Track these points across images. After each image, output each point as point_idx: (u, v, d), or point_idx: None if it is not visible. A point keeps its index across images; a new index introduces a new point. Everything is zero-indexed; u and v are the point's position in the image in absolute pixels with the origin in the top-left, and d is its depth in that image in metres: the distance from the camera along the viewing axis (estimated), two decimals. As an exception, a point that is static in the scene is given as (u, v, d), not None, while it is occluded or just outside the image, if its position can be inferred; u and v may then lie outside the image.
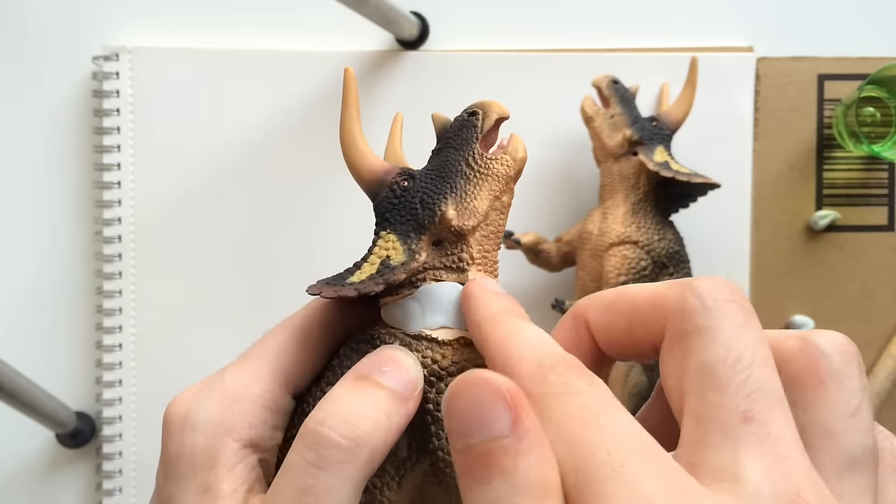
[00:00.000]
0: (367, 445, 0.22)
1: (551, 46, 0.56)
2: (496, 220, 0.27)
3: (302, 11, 0.56)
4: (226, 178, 0.55)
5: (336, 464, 0.22)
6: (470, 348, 0.26)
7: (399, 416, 0.24)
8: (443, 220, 0.26)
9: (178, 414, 0.25)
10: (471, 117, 0.27)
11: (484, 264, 0.26)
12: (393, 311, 0.27)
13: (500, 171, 0.26)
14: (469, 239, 0.26)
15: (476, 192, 0.26)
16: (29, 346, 0.55)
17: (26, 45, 0.56)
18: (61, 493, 0.55)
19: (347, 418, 0.23)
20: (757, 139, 0.55)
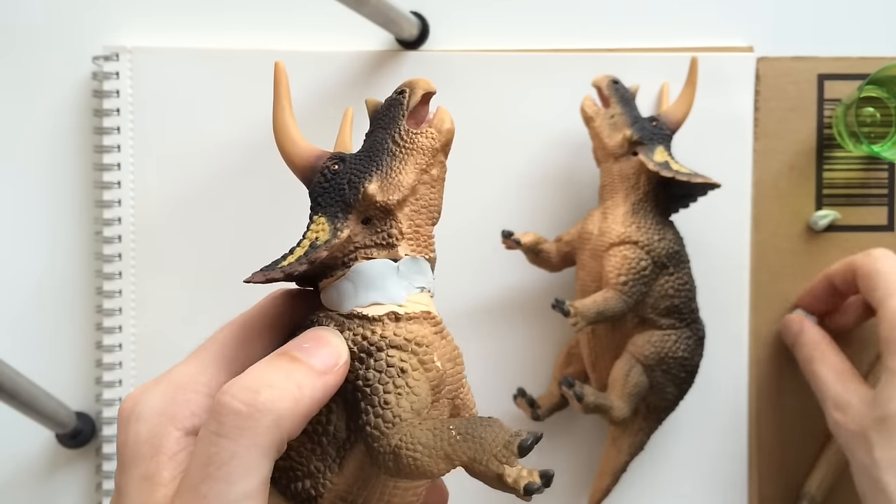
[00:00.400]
0: (268, 411, 0.23)
1: (551, 46, 0.56)
2: (426, 193, 0.27)
3: (302, 11, 0.56)
4: (226, 177, 0.55)
5: (235, 430, 0.22)
6: (398, 322, 0.26)
7: (314, 389, 0.24)
8: (365, 196, 0.26)
9: (126, 407, 0.26)
10: (398, 96, 0.27)
11: (415, 239, 0.27)
12: (329, 294, 0.27)
13: (426, 144, 0.27)
14: (397, 214, 0.26)
15: (401, 166, 0.26)
16: (29, 346, 0.55)
17: (26, 45, 0.56)
18: (61, 493, 0.55)
19: (250, 386, 0.23)
20: (757, 139, 0.55)
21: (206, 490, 0.22)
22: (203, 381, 0.26)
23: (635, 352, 0.48)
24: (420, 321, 0.26)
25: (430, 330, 0.26)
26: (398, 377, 0.25)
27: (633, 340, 0.48)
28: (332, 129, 0.55)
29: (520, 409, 0.52)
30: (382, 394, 0.25)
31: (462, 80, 0.55)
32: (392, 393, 0.25)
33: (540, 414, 0.51)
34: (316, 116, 0.55)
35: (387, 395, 0.25)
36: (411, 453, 0.24)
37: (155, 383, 0.26)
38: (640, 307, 0.48)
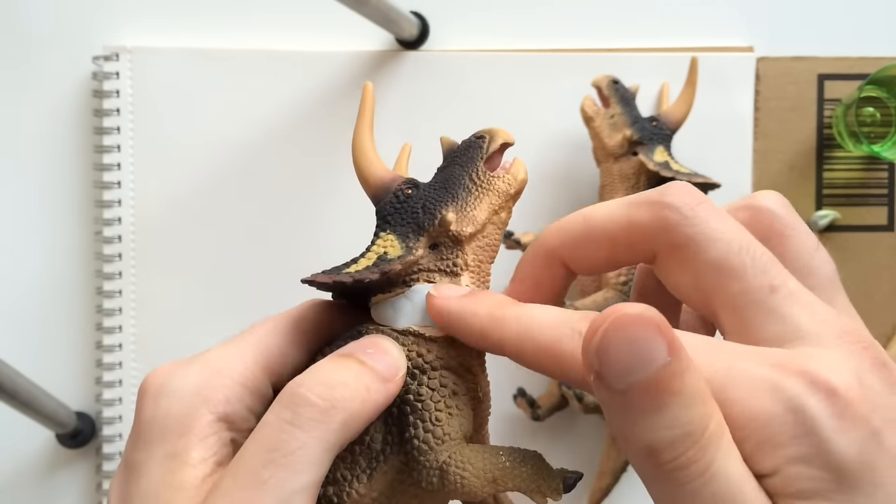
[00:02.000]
0: (342, 409, 0.23)
1: (551, 46, 0.56)
2: (492, 233, 0.28)
3: (302, 11, 0.56)
4: (226, 177, 0.55)
5: (310, 422, 0.22)
6: (455, 346, 0.26)
7: (378, 393, 0.24)
8: (442, 222, 0.27)
9: (154, 382, 0.25)
10: (477, 140, 0.29)
11: (477, 273, 0.28)
12: (383, 309, 0.27)
13: (501, 188, 0.28)
14: (465, 246, 0.27)
15: (476, 203, 0.27)
16: (29, 346, 0.55)
17: (26, 46, 0.56)
18: (61, 493, 0.55)
19: (327, 382, 0.23)
20: (757, 139, 0.55)
21: (268, 476, 0.22)
22: (240, 369, 0.26)
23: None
24: (471, 352, 0.27)
25: (478, 362, 0.27)
26: (450, 398, 0.26)
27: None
28: (332, 129, 0.56)
29: (520, 409, 0.52)
30: (434, 410, 0.25)
31: (462, 80, 0.55)
32: (444, 411, 0.25)
33: (540, 414, 0.51)
34: (316, 116, 0.55)
35: (438, 413, 0.25)
36: (460, 471, 0.24)
37: (187, 363, 0.26)
38: (640, 307, 0.47)
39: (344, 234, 0.55)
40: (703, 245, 0.21)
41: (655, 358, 0.18)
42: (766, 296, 0.20)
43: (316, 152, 0.55)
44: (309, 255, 0.55)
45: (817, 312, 0.20)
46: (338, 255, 0.57)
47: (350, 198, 0.55)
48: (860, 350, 0.20)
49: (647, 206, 0.22)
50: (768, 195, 0.24)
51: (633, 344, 0.18)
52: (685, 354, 0.18)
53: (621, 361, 0.18)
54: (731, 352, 0.20)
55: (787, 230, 0.23)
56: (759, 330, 0.20)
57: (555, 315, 0.22)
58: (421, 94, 0.55)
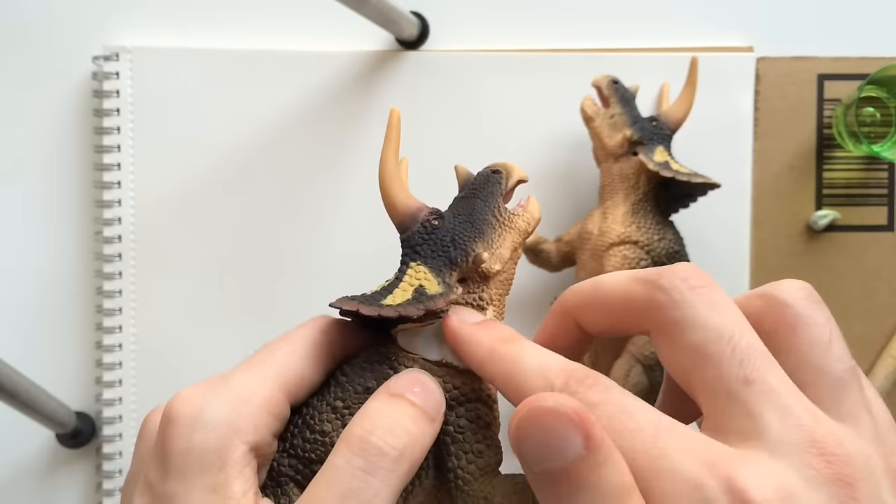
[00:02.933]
0: (409, 458, 0.24)
1: (551, 46, 0.56)
2: (510, 269, 0.29)
3: (302, 11, 0.56)
4: (226, 178, 0.55)
5: (384, 471, 0.23)
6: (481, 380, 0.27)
7: (426, 436, 0.25)
8: (476, 260, 0.28)
9: (186, 412, 0.25)
10: (494, 175, 0.30)
11: (498, 307, 0.29)
12: (412, 338, 0.28)
13: (521, 226, 0.29)
14: (490, 282, 0.29)
15: (501, 241, 0.29)
16: (29, 346, 0.55)
17: (26, 46, 0.56)
18: (61, 493, 0.55)
19: (394, 430, 0.24)
20: (757, 139, 0.55)
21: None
22: (264, 395, 0.26)
23: (635, 352, 0.48)
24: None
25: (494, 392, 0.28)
26: (486, 429, 0.27)
27: (633, 340, 0.48)
28: (332, 129, 0.56)
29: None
30: (474, 443, 0.26)
31: (462, 80, 0.55)
32: (482, 443, 0.26)
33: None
34: (316, 116, 0.55)
35: (478, 445, 0.26)
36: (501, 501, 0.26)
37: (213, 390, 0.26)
38: (640, 307, 0.48)
39: (344, 232, 0.55)
40: (685, 329, 0.22)
41: (568, 449, 0.19)
42: (739, 387, 0.20)
43: (316, 152, 0.55)
44: (309, 255, 0.55)
45: (791, 416, 0.20)
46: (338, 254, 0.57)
47: (350, 198, 0.55)
48: (818, 464, 0.19)
49: (642, 285, 0.23)
50: (790, 285, 0.23)
51: (547, 434, 0.20)
52: (606, 447, 0.19)
53: (534, 450, 0.20)
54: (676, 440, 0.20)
55: (798, 323, 0.22)
56: (727, 421, 0.20)
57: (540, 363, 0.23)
58: (421, 94, 0.55)
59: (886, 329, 0.55)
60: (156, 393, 0.54)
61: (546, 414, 0.20)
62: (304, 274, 0.55)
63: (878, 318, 0.55)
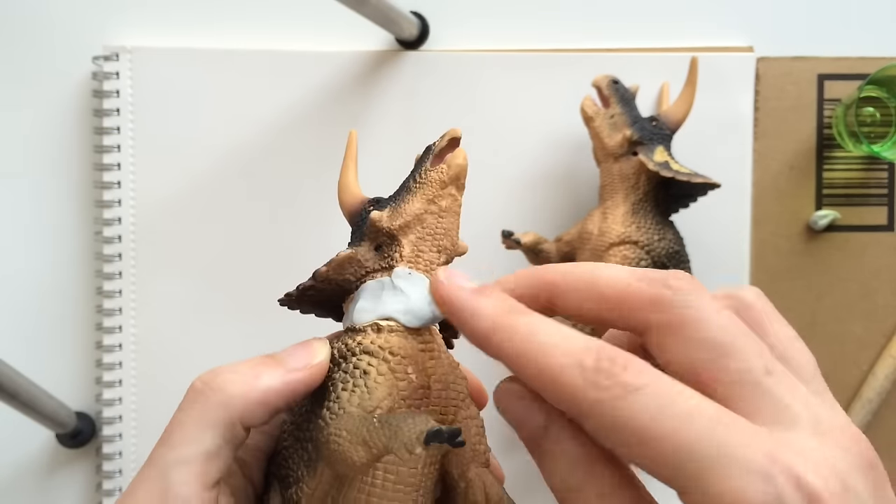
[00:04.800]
0: (219, 389, 0.26)
1: (551, 46, 0.56)
2: (433, 223, 0.29)
3: (302, 11, 0.56)
4: (226, 177, 0.55)
5: (189, 403, 0.26)
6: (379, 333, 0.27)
7: (273, 379, 0.26)
8: (370, 221, 0.29)
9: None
10: (431, 144, 0.30)
11: (415, 262, 0.29)
12: (344, 318, 0.30)
13: (434, 178, 0.29)
14: (401, 239, 0.29)
15: (410, 197, 0.29)
16: (29, 346, 0.55)
17: (26, 46, 0.56)
18: (61, 493, 0.55)
19: (215, 371, 0.26)
20: (757, 139, 0.55)
21: (154, 453, 0.25)
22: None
23: None
24: (404, 334, 0.27)
25: (413, 344, 0.27)
26: (359, 378, 0.26)
27: (633, 340, 0.48)
28: (332, 129, 0.56)
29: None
30: (339, 390, 0.26)
31: (462, 80, 0.55)
32: (347, 390, 0.26)
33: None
34: (316, 116, 0.55)
35: (342, 392, 0.26)
36: (336, 438, 0.25)
37: None
38: (640, 307, 0.47)
39: (344, 233, 0.55)
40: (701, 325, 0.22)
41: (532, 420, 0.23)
42: (763, 377, 0.21)
43: (316, 152, 0.55)
44: (309, 255, 0.55)
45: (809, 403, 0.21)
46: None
47: (350, 198, 0.55)
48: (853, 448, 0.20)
49: (648, 283, 0.23)
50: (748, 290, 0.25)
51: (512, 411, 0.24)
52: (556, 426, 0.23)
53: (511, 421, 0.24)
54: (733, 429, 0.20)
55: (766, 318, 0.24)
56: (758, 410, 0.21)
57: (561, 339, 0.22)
58: (421, 94, 0.55)
59: (886, 329, 0.55)
60: (156, 393, 0.54)
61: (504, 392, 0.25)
62: (304, 273, 0.55)
63: (878, 318, 0.55)
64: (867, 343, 0.55)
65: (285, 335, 0.58)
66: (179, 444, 0.25)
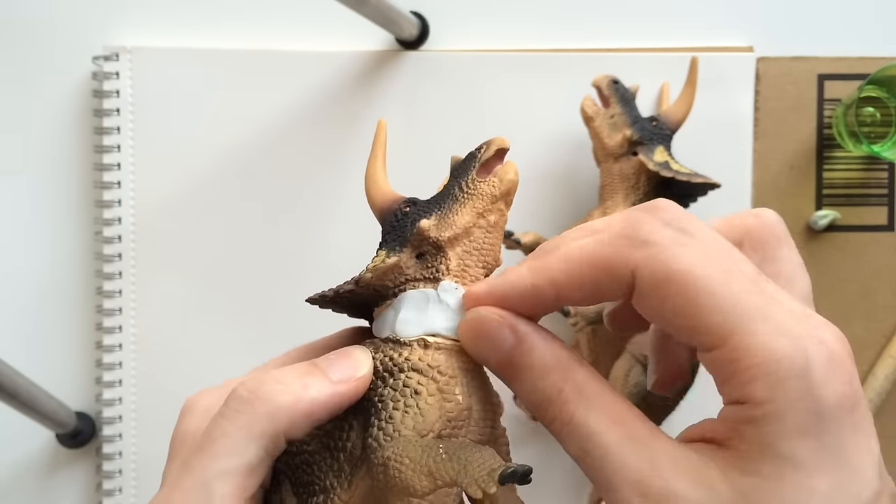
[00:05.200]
0: (266, 401, 0.25)
1: (551, 46, 0.56)
2: (480, 237, 0.28)
3: (302, 11, 0.56)
4: (226, 177, 0.55)
5: (234, 412, 0.25)
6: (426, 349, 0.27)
7: (320, 392, 0.25)
8: (419, 229, 0.28)
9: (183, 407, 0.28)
10: (475, 150, 0.29)
11: (461, 277, 0.28)
12: (377, 322, 0.28)
13: (485, 191, 0.28)
14: (448, 251, 0.28)
15: (459, 208, 0.28)
16: (29, 346, 0.55)
17: (26, 45, 0.56)
18: (61, 493, 0.55)
19: (260, 379, 0.25)
20: (757, 139, 0.55)
21: (195, 462, 0.24)
22: None
23: (635, 352, 0.48)
24: (449, 352, 0.26)
25: (457, 363, 0.26)
26: (410, 397, 0.26)
27: (633, 340, 0.48)
28: (332, 129, 0.56)
29: (519, 409, 0.52)
30: (391, 409, 0.26)
31: (462, 80, 0.55)
32: (400, 410, 0.25)
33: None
34: (316, 116, 0.55)
35: (394, 412, 0.25)
36: (398, 465, 0.24)
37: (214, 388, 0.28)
38: (640, 307, 0.47)
39: (344, 232, 0.55)
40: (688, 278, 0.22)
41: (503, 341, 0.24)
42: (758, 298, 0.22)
43: (316, 152, 0.55)
44: (309, 255, 0.55)
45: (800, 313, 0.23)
46: (337, 254, 0.57)
47: (350, 197, 0.55)
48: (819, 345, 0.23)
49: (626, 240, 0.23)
50: (772, 213, 0.28)
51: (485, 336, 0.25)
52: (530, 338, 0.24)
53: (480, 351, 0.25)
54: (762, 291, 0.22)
55: (784, 238, 0.27)
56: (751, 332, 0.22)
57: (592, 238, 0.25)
58: (421, 94, 0.55)
59: (886, 329, 0.55)
60: (156, 393, 0.54)
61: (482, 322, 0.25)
62: (304, 273, 0.55)
63: (878, 318, 0.55)
64: (867, 343, 0.55)
65: (286, 335, 0.58)
66: (223, 456, 0.24)
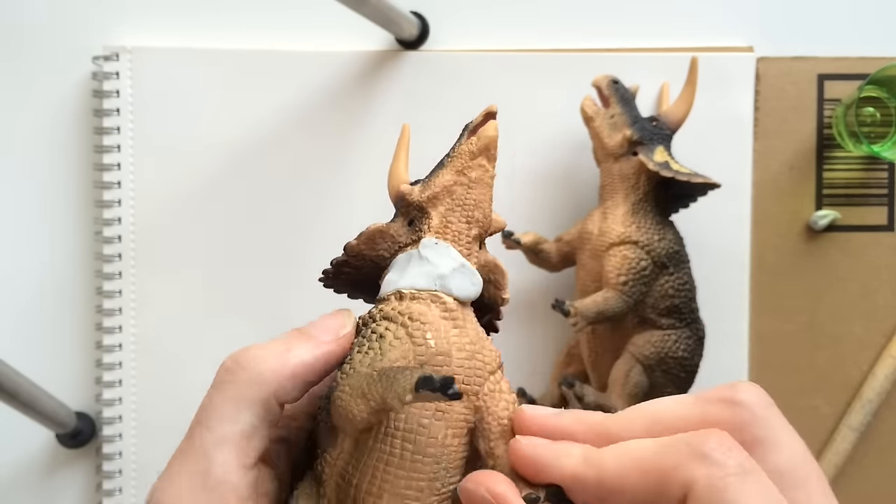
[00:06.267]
0: (250, 368, 0.26)
1: (551, 46, 0.56)
2: (462, 193, 0.29)
3: (302, 11, 0.56)
4: (226, 177, 0.55)
5: (221, 383, 0.26)
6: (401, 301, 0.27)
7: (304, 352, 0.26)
8: (401, 194, 0.29)
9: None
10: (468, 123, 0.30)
11: (443, 233, 0.29)
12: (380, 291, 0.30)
13: (464, 149, 0.29)
14: (430, 211, 0.29)
15: (441, 171, 0.29)
16: (29, 346, 0.55)
17: (26, 45, 0.56)
18: (61, 493, 0.55)
19: (246, 349, 0.26)
20: (757, 139, 0.55)
21: (192, 433, 0.25)
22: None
23: (635, 352, 0.48)
24: (426, 302, 0.27)
25: (435, 311, 0.27)
26: (374, 341, 0.26)
27: (633, 340, 0.48)
28: (331, 128, 0.56)
29: (520, 409, 0.52)
30: (355, 353, 0.26)
31: (462, 80, 0.55)
32: (361, 352, 0.26)
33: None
34: (316, 116, 0.55)
35: (356, 355, 0.26)
36: (340, 394, 0.25)
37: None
38: (640, 307, 0.48)
39: (344, 232, 0.55)
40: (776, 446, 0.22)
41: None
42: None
43: (316, 152, 0.55)
44: (308, 254, 0.55)
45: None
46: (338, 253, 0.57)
47: (350, 197, 0.55)
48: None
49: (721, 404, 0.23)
50: (749, 390, 0.23)
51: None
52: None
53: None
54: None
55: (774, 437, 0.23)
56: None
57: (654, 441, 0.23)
58: (421, 94, 0.55)
59: (886, 329, 0.55)
60: (156, 393, 0.54)
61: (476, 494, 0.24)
62: (304, 273, 0.55)
63: (878, 319, 0.55)
64: (867, 343, 0.55)
65: (285, 335, 0.57)
66: (217, 425, 0.25)
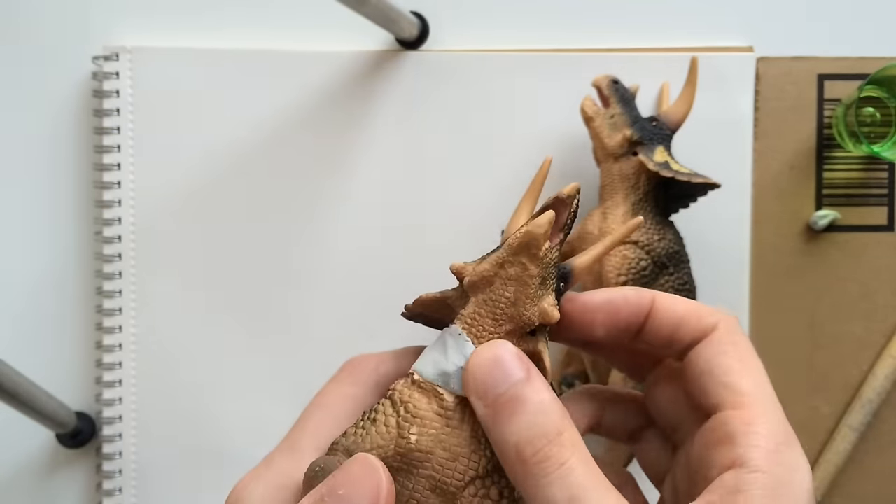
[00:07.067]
0: None
1: (551, 46, 0.56)
2: (499, 289, 0.26)
3: (302, 11, 0.56)
4: (226, 178, 0.55)
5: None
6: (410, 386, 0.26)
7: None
8: (452, 269, 0.28)
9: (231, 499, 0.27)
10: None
11: (470, 325, 0.27)
12: None
13: (509, 241, 0.27)
14: (470, 297, 0.27)
15: (491, 255, 0.27)
16: (29, 346, 0.55)
17: (26, 45, 0.56)
18: (61, 493, 0.55)
19: None
20: (757, 139, 0.55)
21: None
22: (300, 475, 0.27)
23: None
24: (430, 393, 0.26)
25: (431, 407, 0.26)
26: (368, 422, 0.26)
27: (633, 340, 0.48)
28: (331, 129, 0.56)
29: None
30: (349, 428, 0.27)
31: (462, 80, 0.55)
32: (356, 426, 0.26)
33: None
34: (316, 116, 0.55)
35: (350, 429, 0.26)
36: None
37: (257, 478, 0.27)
38: (640, 307, 0.47)
39: (345, 234, 0.55)
40: None
41: (513, 376, 0.24)
42: None
43: (316, 152, 0.55)
44: (310, 255, 0.55)
45: None
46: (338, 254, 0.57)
47: (351, 198, 0.55)
48: None
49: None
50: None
51: (497, 366, 0.24)
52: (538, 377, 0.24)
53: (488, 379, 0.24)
54: None
55: None
56: None
57: None
58: (421, 94, 0.55)
59: (886, 329, 0.55)
60: (156, 393, 0.54)
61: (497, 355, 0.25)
62: (304, 274, 0.55)
63: (878, 318, 0.55)
64: (867, 343, 0.55)
65: (285, 335, 0.58)
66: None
